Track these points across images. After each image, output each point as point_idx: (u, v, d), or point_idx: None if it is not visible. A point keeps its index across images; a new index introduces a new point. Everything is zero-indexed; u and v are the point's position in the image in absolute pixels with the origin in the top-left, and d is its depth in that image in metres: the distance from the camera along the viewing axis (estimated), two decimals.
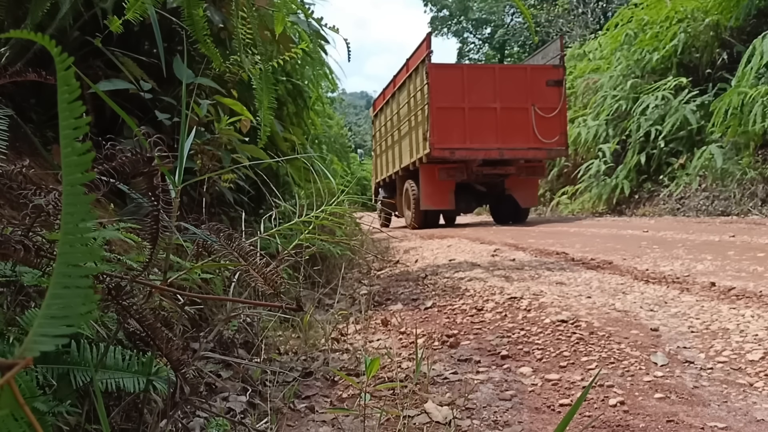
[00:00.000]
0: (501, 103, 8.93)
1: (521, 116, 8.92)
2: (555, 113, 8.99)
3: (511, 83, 9.10)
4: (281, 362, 1.78)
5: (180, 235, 1.04)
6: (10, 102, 1.76)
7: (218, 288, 1.79)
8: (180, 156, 1.01)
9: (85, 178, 0.38)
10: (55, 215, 0.83)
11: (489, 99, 8.92)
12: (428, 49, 8.94)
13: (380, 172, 13.22)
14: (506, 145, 8.80)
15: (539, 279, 3.15)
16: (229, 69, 2.63)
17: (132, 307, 0.89)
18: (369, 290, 3.16)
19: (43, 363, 0.84)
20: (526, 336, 2.04)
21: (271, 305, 1.14)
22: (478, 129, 8.76)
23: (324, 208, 1.96)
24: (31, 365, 0.35)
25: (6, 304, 0.93)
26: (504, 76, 9.38)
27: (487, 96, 8.90)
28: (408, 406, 1.45)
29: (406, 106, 10.27)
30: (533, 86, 9.09)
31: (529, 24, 2.20)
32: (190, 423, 1.21)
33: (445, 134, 8.64)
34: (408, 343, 2.09)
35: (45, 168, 1.73)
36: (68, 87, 0.39)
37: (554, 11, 25.33)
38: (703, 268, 3.27)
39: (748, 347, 1.77)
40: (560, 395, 1.51)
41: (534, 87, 9.07)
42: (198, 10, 1.84)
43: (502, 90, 8.97)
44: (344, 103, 31.46)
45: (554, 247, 4.83)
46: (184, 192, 2.29)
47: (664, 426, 1.29)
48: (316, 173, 2.99)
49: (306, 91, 4.35)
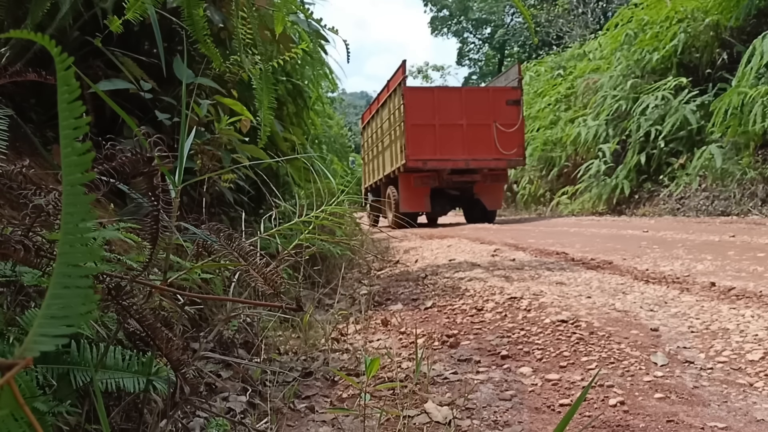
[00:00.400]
0: (467, 120, 10.44)
1: (485, 131, 10.40)
2: (514, 129, 10.47)
3: (475, 103, 10.63)
4: (281, 362, 1.78)
5: (180, 235, 1.04)
6: (10, 102, 1.76)
7: (218, 288, 1.79)
8: (180, 156, 1.01)
9: (85, 178, 0.38)
10: (55, 215, 0.83)
11: (456, 117, 10.41)
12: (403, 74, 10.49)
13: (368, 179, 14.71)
14: (472, 156, 10.29)
15: (539, 279, 3.15)
16: (229, 69, 2.63)
17: (132, 307, 0.89)
18: (369, 290, 3.16)
19: (43, 363, 0.84)
20: (526, 336, 2.04)
21: (271, 305, 1.14)
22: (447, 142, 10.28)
23: (324, 208, 1.96)
24: (31, 365, 0.35)
25: (6, 304, 0.93)
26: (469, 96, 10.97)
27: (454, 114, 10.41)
28: (408, 406, 1.45)
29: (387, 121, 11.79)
30: (495, 105, 10.52)
31: (529, 24, 2.21)
32: (190, 423, 1.21)
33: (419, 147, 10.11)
34: (408, 343, 2.09)
35: (45, 168, 1.73)
36: (68, 87, 0.39)
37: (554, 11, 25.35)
38: (703, 268, 3.28)
39: (748, 347, 1.77)
40: (560, 395, 1.51)
41: (496, 106, 10.52)
42: (198, 10, 1.84)
43: (468, 109, 10.48)
44: (344, 103, 31.47)
45: (554, 247, 4.83)
46: (184, 192, 2.29)
47: (664, 426, 1.29)
48: (316, 173, 2.99)
49: (306, 91, 4.35)
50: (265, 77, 2.01)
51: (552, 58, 18.33)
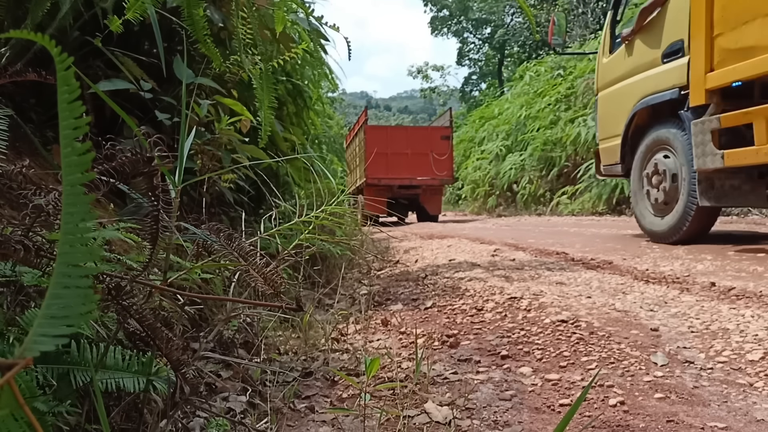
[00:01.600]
0: (411, 150, 14.29)
1: (424, 158, 14.28)
2: (445, 157, 14.39)
3: (418, 138, 14.80)
4: (281, 362, 1.78)
5: (180, 235, 1.04)
6: (10, 102, 1.76)
7: (218, 288, 1.79)
8: (180, 156, 1.01)
9: (85, 178, 0.38)
10: (55, 215, 0.82)
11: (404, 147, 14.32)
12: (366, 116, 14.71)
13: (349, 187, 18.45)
14: (414, 176, 14.13)
15: (539, 279, 3.15)
16: (229, 69, 2.63)
17: (132, 307, 0.89)
18: (369, 290, 3.16)
19: (43, 363, 0.84)
20: (526, 336, 2.04)
21: (271, 305, 1.14)
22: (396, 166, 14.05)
23: (324, 208, 1.96)
24: (31, 365, 0.35)
25: (6, 304, 0.93)
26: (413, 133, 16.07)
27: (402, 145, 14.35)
28: (408, 406, 1.45)
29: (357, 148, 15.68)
30: (432, 140, 14.55)
31: (531, 23, 2.20)
32: (190, 423, 1.21)
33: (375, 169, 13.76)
34: (408, 343, 2.09)
35: (45, 168, 1.73)
36: (68, 87, 0.39)
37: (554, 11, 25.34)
38: (703, 268, 3.28)
39: (748, 347, 1.77)
40: (560, 395, 1.51)
41: (432, 140, 14.54)
42: (198, 10, 1.84)
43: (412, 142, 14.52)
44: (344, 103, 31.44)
45: (554, 247, 4.83)
46: (184, 192, 2.29)
47: (664, 426, 1.29)
48: (316, 173, 2.99)
49: (306, 91, 4.35)
50: (266, 77, 2.01)
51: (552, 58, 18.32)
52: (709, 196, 4.17)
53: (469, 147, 22.30)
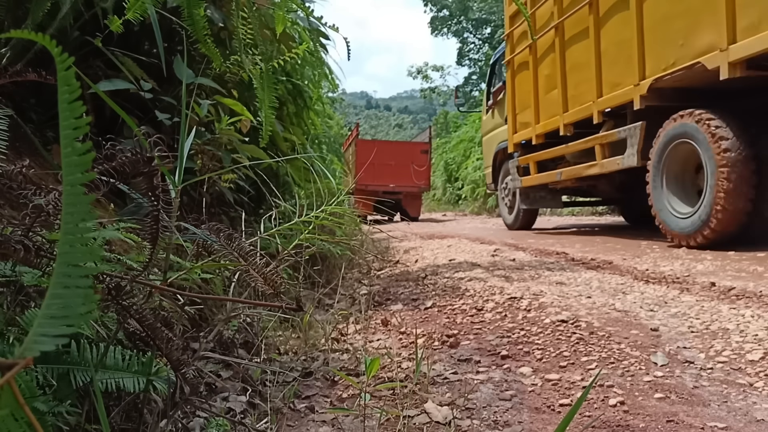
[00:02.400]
0: (395, 161, 16.54)
1: (406, 169, 16.65)
2: (423, 168, 16.93)
3: (401, 151, 17.34)
4: (281, 362, 1.78)
5: (180, 235, 1.04)
6: (10, 102, 1.76)
7: (218, 288, 1.79)
8: (180, 156, 1.01)
9: (85, 178, 0.38)
10: (55, 215, 0.82)
11: (388, 158, 16.35)
12: (357, 131, 17.70)
13: None
14: (397, 183, 16.45)
15: (539, 279, 3.15)
16: (230, 69, 2.63)
17: (132, 307, 0.89)
18: (369, 290, 3.16)
19: (43, 363, 0.84)
20: (526, 336, 2.04)
21: (271, 305, 1.14)
22: (381, 174, 16.11)
23: (324, 208, 1.96)
24: (31, 365, 0.35)
25: (6, 304, 0.93)
26: (397, 146, 18.37)
27: (387, 157, 16.26)
28: (408, 406, 1.45)
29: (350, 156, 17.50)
30: (413, 153, 17.19)
31: (529, 25, 2.21)
32: (190, 423, 1.21)
33: (364, 177, 15.60)
34: (408, 343, 2.09)
35: (45, 168, 1.73)
36: (68, 87, 0.39)
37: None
38: (703, 268, 3.28)
39: (748, 347, 1.77)
40: (560, 395, 1.51)
41: (413, 153, 17.17)
42: (198, 10, 1.84)
43: (396, 154, 16.86)
44: (344, 103, 31.46)
45: (554, 247, 4.83)
46: (184, 192, 2.29)
47: (664, 426, 1.29)
48: (316, 173, 2.99)
49: (306, 91, 4.35)
50: (266, 77, 2.01)
51: None
52: (527, 203, 8.10)
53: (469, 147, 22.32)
